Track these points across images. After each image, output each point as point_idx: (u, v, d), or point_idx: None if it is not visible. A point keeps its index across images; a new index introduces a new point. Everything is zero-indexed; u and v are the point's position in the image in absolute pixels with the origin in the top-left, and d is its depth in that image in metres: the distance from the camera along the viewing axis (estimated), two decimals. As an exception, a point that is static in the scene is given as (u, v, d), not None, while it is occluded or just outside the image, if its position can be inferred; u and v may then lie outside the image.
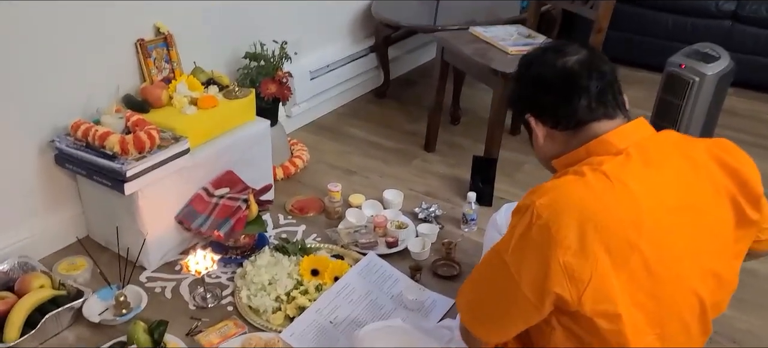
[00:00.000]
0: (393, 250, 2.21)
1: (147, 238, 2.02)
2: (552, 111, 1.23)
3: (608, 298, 1.09)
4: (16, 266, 1.97)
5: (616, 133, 1.18)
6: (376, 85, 3.56)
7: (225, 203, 2.12)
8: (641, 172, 1.14)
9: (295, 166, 2.70)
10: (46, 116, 2.03)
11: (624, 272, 1.09)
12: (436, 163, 2.86)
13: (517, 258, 1.12)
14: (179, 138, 2.04)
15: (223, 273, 2.09)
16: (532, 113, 1.27)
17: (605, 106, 1.20)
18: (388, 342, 1.50)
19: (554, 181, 1.16)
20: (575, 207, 1.08)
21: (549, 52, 1.26)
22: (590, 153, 1.19)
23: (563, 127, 1.23)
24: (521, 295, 1.12)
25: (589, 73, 1.19)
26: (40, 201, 2.10)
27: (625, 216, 1.09)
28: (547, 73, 1.23)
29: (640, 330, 1.13)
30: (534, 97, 1.26)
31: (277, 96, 2.53)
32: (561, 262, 1.06)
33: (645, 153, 1.16)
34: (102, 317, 1.86)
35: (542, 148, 1.30)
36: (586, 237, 1.06)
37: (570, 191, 1.11)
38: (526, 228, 1.10)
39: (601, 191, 1.10)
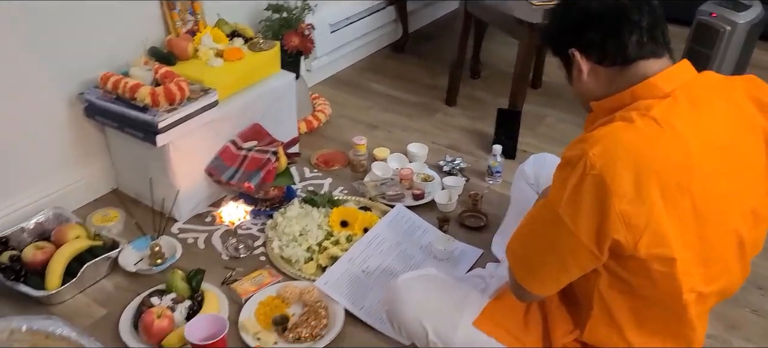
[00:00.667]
0: (420, 202, 2.23)
1: (180, 189, 2.04)
2: (600, 45, 1.19)
3: (664, 242, 1.10)
4: (51, 217, 2.00)
5: (663, 76, 1.16)
6: (395, 39, 3.53)
7: (254, 156, 2.13)
8: (688, 115, 1.14)
9: (318, 120, 2.70)
10: (74, 69, 2.03)
11: (675, 215, 1.10)
12: (458, 117, 2.86)
13: (573, 209, 1.11)
14: (208, 90, 2.04)
15: (254, 224, 2.12)
16: (577, 47, 1.22)
17: (654, 43, 1.17)
18: (425, 290, 1.52)
19: (604, 129, 1.13)
20: (628, 155, 1.07)
21: None
22: (636, 96, 1.17)
23: (610, 63, 1.19)
24: (580, 244, 1.13)
25: (640, 7, 1.17)
26: (71, 153, 2.11)
27: (676, 160, 1.10)
28: (597, 4, 1.19)
29: (689, 271, 1.15)
30: (581, 29, 1.21)
31: (300, 49, 2.52)
32: (618, 210, 1.07)
33: (691, 95, 1.16)
34: (138, 267, 1.89)
35: (584, 85, 1.25)
36: (641, 184, 1.06)
37: (622, 139, 1.10)
38: (580, 179, 1.09)
39: (653, 137, 1.10)
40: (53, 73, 1.98)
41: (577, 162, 1.10)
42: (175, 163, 2.01)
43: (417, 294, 1.50)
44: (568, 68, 1.28)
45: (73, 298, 1.81)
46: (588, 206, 1.09)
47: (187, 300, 1.73)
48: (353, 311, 1.76)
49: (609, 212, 1.07)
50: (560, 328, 1.36)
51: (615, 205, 1.06)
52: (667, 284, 1.15)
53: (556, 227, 1.15)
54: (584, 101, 1.30)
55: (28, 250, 1.82)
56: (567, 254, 1.17)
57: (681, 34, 3.48)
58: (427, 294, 1.50)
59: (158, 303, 1.70)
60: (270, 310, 1.75)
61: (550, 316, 1.38)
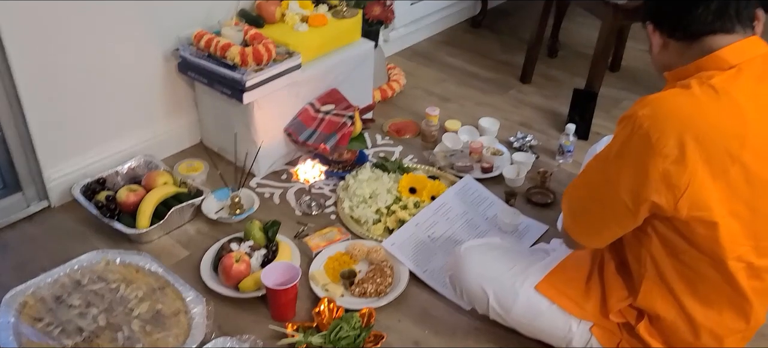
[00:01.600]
0: (488, 176, 2.27)
1: (261, 146, 2.16)
2: (669, 19, 1.22)
3: (705, 206, 1.13)
4: (142, 163, 2.16)
5: (730, 50, 1.16)
6: (473, 14, 3.54)
7: (331, 119, 2.22)
8: (751, 87, 1.15)
9: (392, 89, 2.77)
10: (171, 26, 2.16)
11: (722, 182, 1.12)
12: (532, 95, 2.86)
13: (618, 165, 1.18)
14: (292, 53, 2.13)
15: (326, 184, 2.21)
16: (652, 20, 1.26)
17: (723, 19, 1.17)
18: (489, 257, 1.57)
19: (660, 93, 1.18)
20: (676, 117, 1.11)
21: None
22: (700, 68, 1.18)
23: (679, 36, 1.22)
24: (619, 200, 1.19)
25: None
26: (162, 106, 2.26)
27: (728, 127, 1.12)
28: None
29: (735, 240, 1.18)
30: (655, 2, 1.25)
31: (380, 18, 2.58)
32: (660, 169, 1.12)
33: (757, 70, 1.16)
34: (219, 215, 2.02)
35: (657, 57, 1.29)
36: (686, 146, 1.10)
37: (672, 102, 1.14)
38: (628, 136, 1.15)
39: (706, 102, 1.12)
40: (152, 28, 2.12)
41: (628, 120, 1.16)
42: (258, 121, 2.13)
43: (480, 260, 1.56)
44: (649, 38, 1.30)
45: (160, 238, 1.96)
46: (631, 163, 1.15)
47: (263, 248, 1.85)
48: (417, 273, 1.83)
49: (650, 171, 1.12)
50: (615, 294, 1.40)
51: (658, 164, 1.11)
52: (711, 249, 1.19)
53: (603, 180, 1.23)
54: (660, 71, 1.33)
55: (122, 191, 1.98)
56: (608, 208, 1.23)
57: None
58: (490, 261, 1.55)
59: (237, 248, 1.82)
60: (338, 264, 1.85)
61: (607, 283, 1.41)
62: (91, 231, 1.97)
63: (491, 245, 1.63)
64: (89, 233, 1.96)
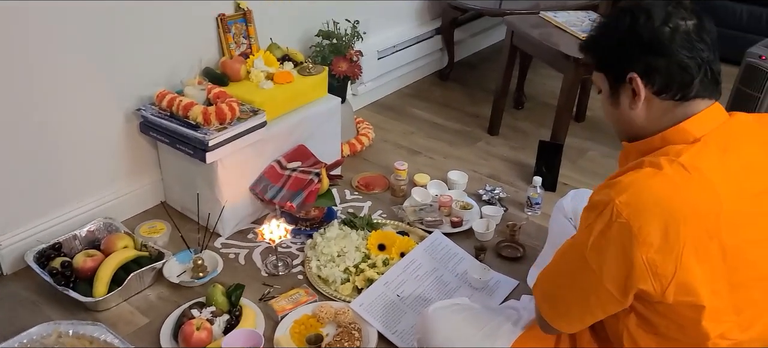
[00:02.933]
0: (457, 230, 2.24)
1: (225, 206, 2.11)
2: (667, 75, 1.12)
3: (693, 291, 1.09)
4: (102, 226, 2.09)
5: (693, 122, 1.14)
6: (440, 67, 3.58)
7: (297, 176, 2.19)
8: (718, 161, 1.11)
9: (361, 143, 2.75)
10: (133, 86, 2.13)
11: (705, 262, 1.09)
12: (499, 147, 2.87)
13: (598, 255, 1.11)
14: (257, 111, 2.11)
15: (293, 243, 2.17)
16: (640, 72, 1.14)
17: (714, 82, 1.15)
18: (457, 319, 1.52)
19: (631, 175, 1.11)
20: (656, 204, 1.06)
21: (660, 8, 1.13)
22: (666, 141, 1.15)
23: (671, 95, 1.14)
24: (604, 289, 1.13)
25: (710, 45, 1.13)
26: (124, 166, 2.21)
27: (705, 207, 1.08)
28: (668, 29, 1.11)
29: (719, 318, 1.14)
30: (647, 52, 1.13)
31: (347, 74, 2.58)
32: (644, 259, 1.06)
33: (721, 140, 1.13)
34: (181, 279, 1.95)
35: (632, 115, 1.18)
36: (669, 233, 1.05)
37: (649, 187, 1.08)
38: (606, 226, 1.08)
39: (681, 184, 1.08)
40: (112, 88, 2.08)
41: (603, 208, 1.09)
42: (222, 180, 2.08)
43: (448, 323, 1.51)
44: (614, 90, 1.21)
45: (118, 305, 1.88)
46: (613, 254, 1.09)
47: (226, 314, 1.79)
48: (386, 335, 1.78)
49: (635, 261, 1.07)
50: None
51: (641, 254, 1.06)
52: (695, 330, 1.14)
53: (581, 269, 1.16)
54: (622, 132, 1.26)
55: (79, 257, 1.91)
56: (591, 296, 1.17)
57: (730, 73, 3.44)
58: (459, 323, 1.50)
59: (198, 315, 1.76)
60: (305, 328, 1.79)
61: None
62: (44, 300, 1.88)
63: (460, 307, 1.59)
64: (42, 302, 1.88)
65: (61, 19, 1.87)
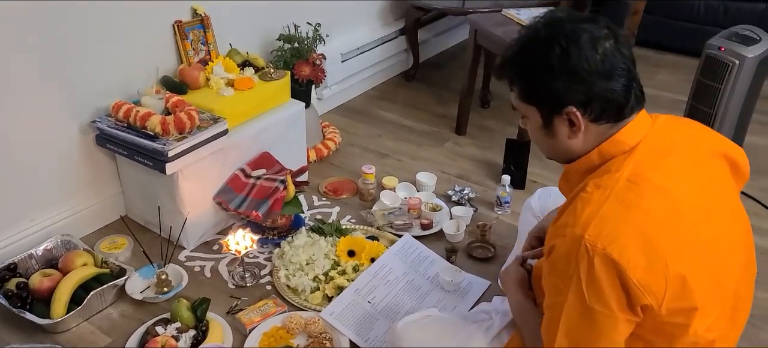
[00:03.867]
0: (428, 232, 2.22)
1: (187, 218, 2.05)
2: (604, 101, 1.11)
3: (685, 296, 1.08)
4: (59, 244, 2.01)
5: (626, 132, 1.14)
6: (405, 68, 3.56)
7: (262, 184, 2.13)
8: (659, 163, 1.12)
9: (327, 148, 2.71)
10: (87, 97, 2.05)
11: (689, 264, 1.08)
12: (467, 146, 2.86)
13: (600, 296, 1.06)
14: (218, 119, 2.05)
15: (261, 253, 2.11)
16: (578, 103, 1.12)
17: (641, 94, 1.16)
18: (425, 334, 1.48)
19: (583, 207, 1.09)
20: (624, 225, 1.05)
21: (584, 33, 1.10)
22: (603, 155, 1.15)
23: (608, 119, 1.13)
24: (618, 320, 1.08)
25: (629, 56, 1.13)
26: (81, 180, 2.13)
27: (667, 212, 1.08)
28: (600, 58, 1.09)
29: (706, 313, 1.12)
30: (586, 84, 1.10)
31: (310, 78, 2.53)
32: (636, 281, 1.04)
33: (656, 144, 1.14)
34: (144, 295, 1.89)
35: (568, 144, 1.17)
36: (648, 250, 1.04)
37: (611, 212, 1.06)
38: (589, 265, 1.05)
39: (636, 200, 1.07)
40: (67, 100, 2.00)
41: (576, 251, 1.06)
42: (183, 191, 2.02)
43: (417, 338, 1.47)
44: (548, 122, 1.17)
45: (78, 326, 1.81)
46: (609, 285, 1.05)
47: (192, 329, 1.73)
48: (358, 343, 1.74)
49: (629, 285, 1.05)
50: None
51: (631, 277, 1.03)
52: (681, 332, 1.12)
53: (593, 319, 1.08)
54: (558, 157, 1.25)
55: (35, 277, 1.83)
56: (614, 334, 1.09)
57: (690, 66, 3.50)
58: (428, 338, 1.47)
59: (163, 332, 1.70)
60: (274, 341, 1.74)
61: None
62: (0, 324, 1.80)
63: (429, 319, 1.55)
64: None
65: (5, 26, 1.79)
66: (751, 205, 2.39)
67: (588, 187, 1.12)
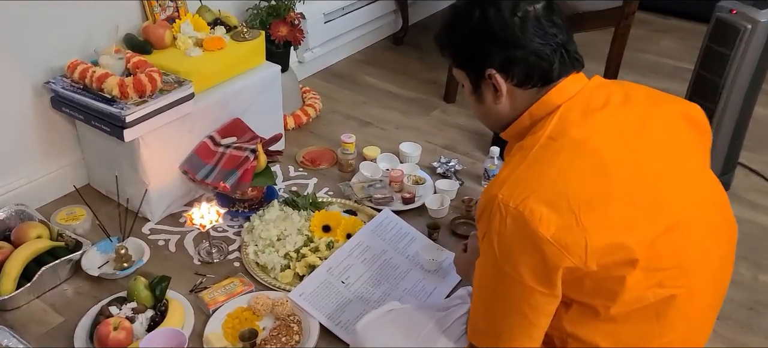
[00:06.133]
0: (409, 207, 2.08)
1: (149, 188, 1.91)
2: (525, 66, 1.10)
3: (619, 247, 1.02)
4: (12, 214, 1.87)
5: (555, 92, 1.12)
6: (394, 30, 3.38)
7: (232, 153, 1.99)
8: (583, 118, 1.09)
9: (306, 115, 2.56)
10: (42, 56, 1.89)
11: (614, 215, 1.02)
12: (455, 115, 2.71)
13: (509, 258, 1.05)
14: (183, 82, 1.90)
15: (230, 227, 1.98)
16: (496, 67, 1.12)
17: (573, 60, 1.13)
18: (388, 334, 1.39)
19: (505, 170, 1.09)
20: (536, 182, 1.03)
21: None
22: (533, 116, 1.13)
23: (532, 84, 1.12)
24: (531, 291, 1.05)
25: (561, 26, 1.12)
26: (37, 146, 1.98)
27: (582, 164, 1.04)
28: (517, 19, 1.09)
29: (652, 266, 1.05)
30: (501, 46, 1.10)
31: (288, 39, 2.37)
32: (549, 238, 1.00)
33: (582, 100, 1.11)
34: (102, 271, 1.76)
35: (498, 109, 1.17)
36: (559, 204, 1.00)
37: (524, 171, 1.05)
38: (500, 224, 1.03)
39: (552, 156, 1.06)
40: (20, 59, 1.85)
41: (490, 209, 1.05)
42: (145, 160, 1.88)
43: (377, 339, 1.39)
44: (476, 88, 1.18)
45: (29, 303, 1.68)
46: (520, 248, 1.03)
47: (150, 310, 1.61)
48: (329, 327, 1.62)
49: (542, 245, 1.00)
50: None
51: (544, 234, 0.99)
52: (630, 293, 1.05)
53: (502, 284, 1.08)
54: (492, 125, 1.25)
55: (-17, 250, 1.70)
56: (525, 306, 1.07)
57: (695, 31, 3.34)
58: (390, 337, 1.38)
59: (117, 312, 1.57)
60: (239, 322, 1.62)
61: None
62: (-58, 301, 1.67)
63: (391, 315, 1.45)
64: (-60, 304, 1.66)
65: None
66: (756, 181, 2.27)
67: (513, 149, 1.14)
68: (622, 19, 2.33)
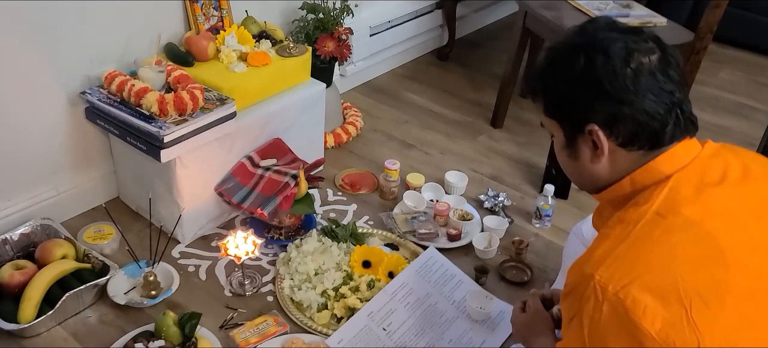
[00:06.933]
0: (455, 245, 1.95)
1: (184, 210, 1.80)
2: (633, 124, 0.97)
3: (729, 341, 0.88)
4: (38, 229, 1.78)
5: (665, 159, 0.99)
6: (439, 45, 3.24)
7: (271, 177, 1.87)
8: (696, 194, 0.96)
9: (347, 133, 2.43)
10: (78, 63, 1.80)
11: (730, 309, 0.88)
12: (504, 142, 2.56)
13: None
14: (225, 100, 1.79)
15: (264, 254, 1.87)
16: (600, 123, 0.99)
17: (688, 123, 1.00)
18: None
19: (602, 246, 0.96)
20: (641, 266, 0.90)
21: (619, 43, 0.97)
22: (635, 183, 1.01)
23: (640, 146, 1.00)
24: None
25: (678, 81, 0.98)
26: (68, 157, 1.88)
27: (696, 250, 0.91)
28: (631, 73, 0.96)
29: None
30: (610, 101, 0.97)
31: (335, 55, 2.25)
32: (654, 333, 0.87)
33: (696, 171, 0.99)
34: (129, 298, 1.65)
35: (592, 168, 1.04)
36: (668, 296, 0.87)
37: (627, 250, 0.92)
38: (595, 310, 0.91)
39: (661, 236, 0.92)
40: (56, 66, 1.75)
41: (584, 290, 0.93)
42: (181, 181, 1.77)
43: None
44: (570, 142, 1.05)
45: (49, 331, 1.57)
46: (615, 339, 0.90)
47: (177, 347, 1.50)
48: (369, 380, 1.50)
49: (644, 342, 0.87)
50: None
51: (647, 330, 0.87)
52: None
53: None
54: (585, 185, 1.12)
55: (6, 269, 1.60)
56: None
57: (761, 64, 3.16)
58: None
59: (143, 350, 1.46)
60: (272, 369, 1.50)
61: None
62: (-39, 322, 1.58)
63: None
64: (-42, 325, 1.57)
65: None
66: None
67: (611, 221, 1.01)
68: (693, 53, 2.17)
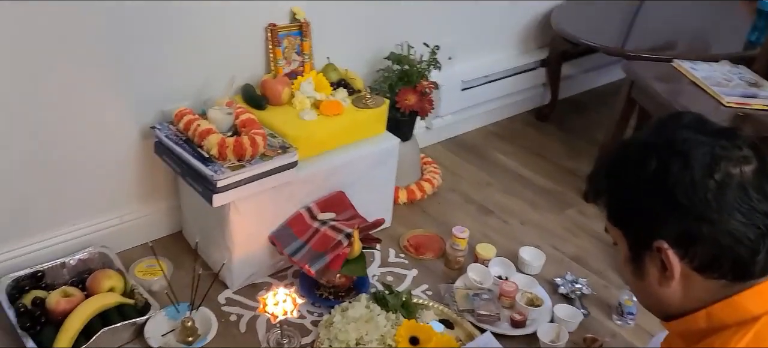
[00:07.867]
0: (518, 332, 1.76)
1: (233, 256, 1.76)
2: (713, 247, 0.84)
3: None
4: (95, 256, 1.81)
5: (751, 295, 0.85)
6: (539, 104, 3.04)
7: (326, 232, 1.79)
8: None
9: (422, 190, 2.31)
10: (155, 98, 1.83)
11: None
12: (594, 219, 2.32)
13: None
14: (287, 148, 1.73)
15: (310, 313, 1.78)
16: (671, 241, 0.85)
17: None
18: None
19: None
20: None
21: (703, 148, 0.84)
22: (713, 321, 0.88)
23: (722, 274, 0.86)
24: None
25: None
26: (135, 188, 1.91)
27: None
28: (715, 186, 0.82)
29: None
30: (684, 217, 0.83)
31: (415, 109, 2.15)
32: None
33: None
34: (164, 341, 1.62)
35: (661, 292, 0.91)
36: None
37: None
38: None
39: None
40: (132, 99, 1.79)
41: None
42: (233, 226, 1.73)
43: None
44: (636, 257, 0.91)
45: (81, 365, 1.57)
46: None
47: (201, 407, 1.43)
48: None
49: None
50: None
51: None
52: None
53: None
54: (652, 308, 0.98)
55: (54, 295, 1.63)
56: None
57: None
58: None
59: (164, 402, 1.41)
60: None
61: None
62: (6, 340, 1.61)
63: None
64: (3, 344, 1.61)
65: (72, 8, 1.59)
66: None
67: None
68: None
